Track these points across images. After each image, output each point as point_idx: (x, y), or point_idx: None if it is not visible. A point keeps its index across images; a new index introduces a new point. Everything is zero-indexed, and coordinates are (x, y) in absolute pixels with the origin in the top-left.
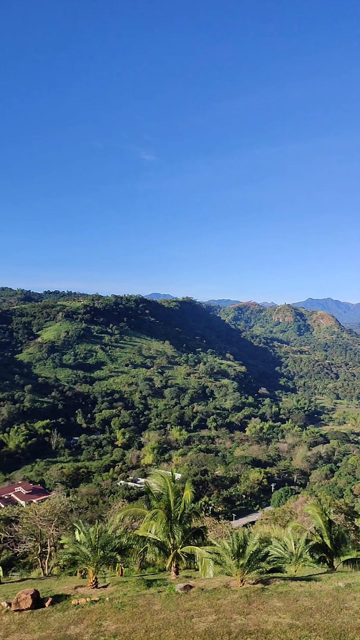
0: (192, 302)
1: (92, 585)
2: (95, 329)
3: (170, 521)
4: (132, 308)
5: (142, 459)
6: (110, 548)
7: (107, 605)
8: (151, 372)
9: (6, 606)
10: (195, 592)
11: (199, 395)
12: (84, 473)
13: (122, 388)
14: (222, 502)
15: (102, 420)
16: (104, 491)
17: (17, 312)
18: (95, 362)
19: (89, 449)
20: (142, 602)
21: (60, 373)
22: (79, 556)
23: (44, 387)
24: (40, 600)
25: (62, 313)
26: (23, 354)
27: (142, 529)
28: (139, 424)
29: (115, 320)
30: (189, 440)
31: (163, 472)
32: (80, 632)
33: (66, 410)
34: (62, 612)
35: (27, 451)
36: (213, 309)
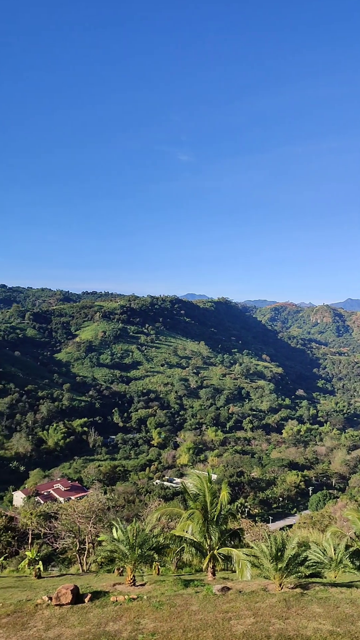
0: (227, 302)
1: (130, 583)
2: (132, 329)
3: (206, 522)
4: (168, 308)
5: (177, 459)
6: (148, 547)
7: (145, 603)
8: (186, 372)
9: (47, 600)
10: (233, 594)
11: (234, 396)
12: (121, 471)
13: (157, 388)
14: (259, 505)
15: (138, 419)
16: (140, 490)
17: (57, 312)
18: (132, 362)
19: (125, 448)
20: (180, 601)
21: (98, 372)
22: (117, 554)
23: (81, 386)
24: (80, 595)
25: (100, 313)
26: (62, 353)
27: (179, 529)
28: (175, 424)
29: (151, 321)
30: (225, 442)
31: (199, 473)
32: (119, 629)
33: (103, 409)
34: (101, 608)
35: (66, 449)
36: (249, 309)
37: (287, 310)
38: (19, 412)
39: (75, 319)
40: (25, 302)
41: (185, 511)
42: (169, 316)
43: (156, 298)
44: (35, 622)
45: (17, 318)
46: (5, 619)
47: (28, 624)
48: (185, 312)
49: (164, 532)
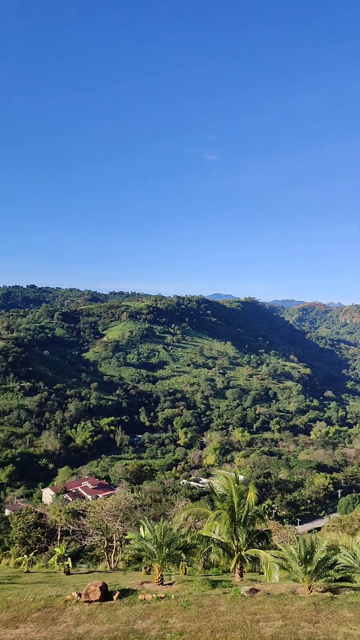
0: (254, 302)
1: (158, 582)
2: (158, 329)
3: (234, 523)
4: (194, 308)
5: (204, 459)
6: (175, 546)
7: (173, 602)
8: (213, 372)
9: (76, 596)
10: (261, 596)
11: (261, 397)
12: (147, 471)
13: (184, 388)
14: (286, 506)
15: (164, 419)
16: (166, 489)
17: (84, 312)
18: (158, 362)
19: (152, 447)
20: (208, 602)
21: (125, 372)
22: (145, 552)
23: (109, 385)
24: (108, 593)
25: (126, 313)
26: (89, 352)
27: (206, 529)
28: (201, 424)
29: (177, 321)
30: (252, 442)
31: (226, 473)
32: (147, 628)
33: (130, 408)
34: (130, 606)
35: (93, 447)
36: (276, 309)
37: (316, 310)
38: (48, 411)
39: (103, 318)
40: (54, 302)
41: (212, 511)
42: (195, 316)
43: (182, 298)
44: (64, 618)
45: (47, 318)
46: (35, 613)
47: (58, 619)
48: (211, 312)
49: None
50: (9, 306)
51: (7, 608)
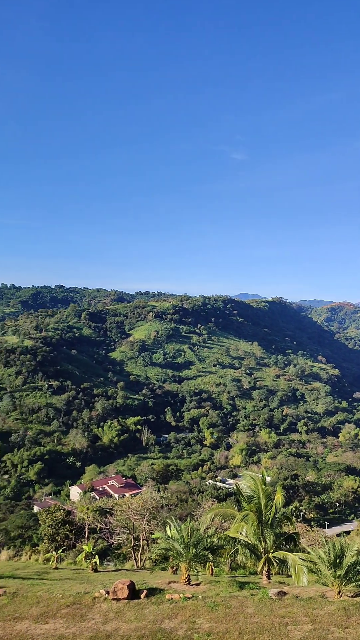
0: (281, 302)
1: (185, 582)
2: (184, 329)
3: (261, 524)
4: (220, 308)
5: (230, 459)
6: (203, 547)
7: (200, 603)
8: (239, 373)
9: (104, 594)
10: (289, 599)
11: (288, 398)
12: (173, 470)
13: (210, 388)
14: (314, 509)
15: (190, 419)
16: (192, 489)
17: (111, 312)
18: (184, 362)
19: (178, 447)
20: (235, 603)
21: (151, 371)
22: (172, 552)
23: (135, 384)
24: (136, 591)
25: (152, 313)
26: (116, 352)
27: (233, 530)
28: (227, 425)
29: (203, 321)
30: (279, 444)
31: (253, 474)
32: (175, 627)
33: (156, 408)
34: (157, 605)
35: (120, 446)
36: (304, 309)
37: (345, 311)
38: (76, 409)
39: (129, 318)
40: (81, 302)
41: (239, 513)
42: (221, 316)
43: (208, 298)
44: (93, 615)
45: (74, 317)
46: (64, 609)
47: (86, 616)
48: (238, 312)
49: (218, 532)
50: (38, 306)
51: (37, 603)
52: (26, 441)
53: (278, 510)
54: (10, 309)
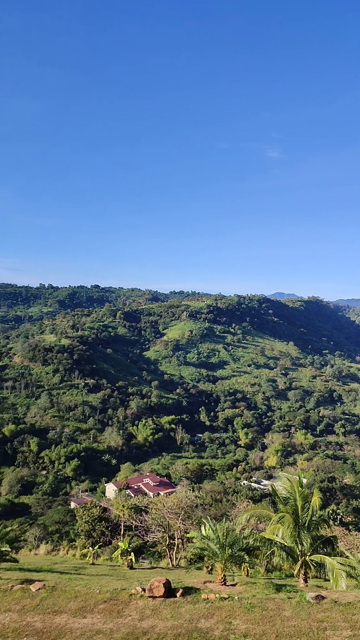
0: (318, 301)
1: (221, 582)
2: (218, 329)
3: (297, 527)
4: (255, 308)
5: (265, 460)
6: (238, 547)
7: (236, 604)
8: (274, 373)
9: (140, 591)
10: (328, 603)
11: (325, 399)
12: (208, 470)
13: (244, 388)
14: (352, 513)
15: (225, 419)
16: (227, 490)
17: (145, 311)
18: (218, 361)
19: (212, 447)
20: (272, 605)
21: (185, 371)
22: (207, 552)
23: (169, 384)
24: (172, 590)
25: (187, 313)
26: (150, 351)
27: (269, 532)
28: (262, 425)
29: (238, 320)
30: (315, 445)
31: (289, 476)
32: (211, 627)
33: (190, 407)
34: (193, 604)
35: (154, 444)
36: (342, 309)
37: None
38: (111, 407)
39: (163, 318)
40: (116, 301)
41: (275, 514)
42: (256, 316)
43: (243, 297)
44: (129, 611)
45: (109, 317)
46: (102, 605)
47: (123, 612)
48: (273, 312)
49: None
50: (75, 305)
51: (75, 598)
52: (63, 438)
53: (315, 512)
54: (48, 308)
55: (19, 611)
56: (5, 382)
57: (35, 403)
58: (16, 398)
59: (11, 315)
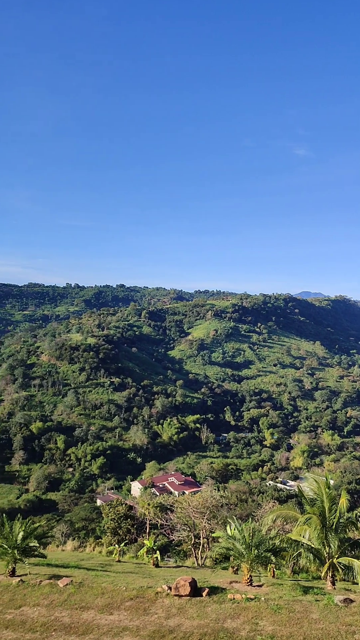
0: (346, 300)
1: (247, 582)
2: (243, 328)
3: (324, 528)
4: (281, 307)
5: (291, 461)
6: (265, 548)
7: (262, 605)
8: (300, 373)
9: (167, 589)
10: (356, 607)
11: (352, 399)
12: (233, 470)
13: (270, 388)
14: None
15: (250, 419)
16: (252, 490)
17: (170, 311)
18: (243, 361)
19: (237, 447)
20: (299, 607)
21: (210, 370)
22: (233, 552)
23: (194, 383)
24: (198, 589)
25: (211, 312)
26: (175, 350)
27: (295, 533)
28: (288, 426)
29: (264, 320)
30: (342, 446)
31: (316, 477)
32: (237, 627)
33: (215, 407)
34: (219, 604)
35: (179, 443)
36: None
37: None
38: (136, 406)
39: (188, 317)
40: (141, 301)
41: (302, 515)
42: (282, 315)
43: (269, 296)
44: (156, 609)
45: (134, 316)
46: (128, 602)
47: (149, 610)
48: (299, 311)
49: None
50: (100, 305)
51: (102, 594)
52: (89, 436)
53: (342, 514)
54: (74, 307)
55: (47, 606)
56: (33, 380)
57: (62, 401)
58: (43, 396)
59: (39, 315)
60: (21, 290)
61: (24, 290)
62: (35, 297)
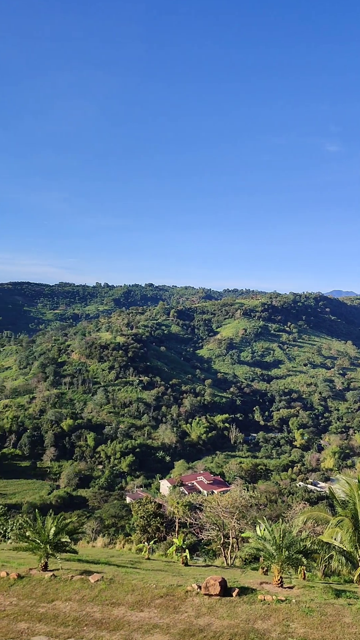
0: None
1: (278, 584)
2: (273, 327)
3: (357, 531)
4: (312, 306)
5: (322, 462)
6: (295, 550)
7: (294, 607)
8: (331, 373)
9: (196, 588)
10: None
11: None
12: (262, 470)
13: (300, 388)
14: None
15: (279, 419)
16: (282, 491)
17: (199, 310)
18: (273, 361)
19: (266, 447)
20: (331, 611)
21: (238, 370)
22: (264, 552)
23: (222, 382)
24: (228, 589)
25: (240, 311)
26: (203, 349)
27: (327, 535)
28: (319, 426)
29: (294, 319)
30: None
31: (349, 479)
32: (268, 629)
33: (244, 407)
34: (249, 605)
35: (208, 443)
36: None
37: None
38: (165, 405)
39: (217, 316)
40: (170, 299)
41: (333, 518)
42: (312, 314)
43: (299, 295)
44: (185, 608)
45: (163, 315)
46: (158, 600)
47: (179, 608)
48: (330, 310)
49: (310, 536)
50: (129, 304)
51: (132, 591)
52: (118, 434)
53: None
54: (104, 306)
55: (78, 601)
56: (64, 378)
57: (91, 399)
58: (74, 394)
59: (69, 314)
60: (52, 290)
61: (55, 290)
62: (66, 297)
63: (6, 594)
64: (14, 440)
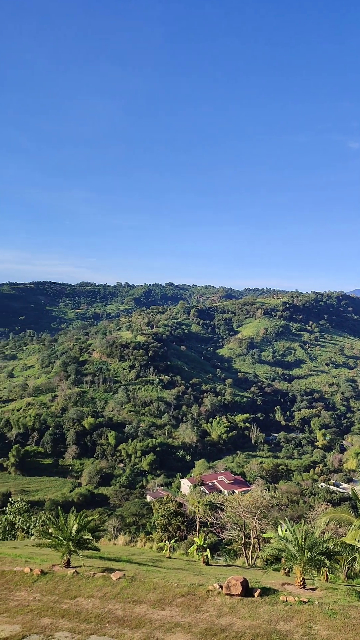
0: None
1: (300, 585)
2: (294, 327)
3: None
4: (334, 305)
5: (344, 463)
6: (318, 551)
7: (316, 608)
8: (354, 372)
9: (218, 588)
10: None
11: None
12: (283, 470)
13: (322, 388)
14: None
15: (301, 419)
16: (304, 491)
17: (219, 309)
18: (294, 360)
19: (288, 447)
20: (355, 613)
21: (259, 369)
22: (286, 553)
23: (243, 382)
24: (249, 589)
25: (261, 310)
26: (224, 349)
27: (350, 537)
28: (341, 427)
29: (315, 318)
30: None
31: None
32: (290, 630)
33: (265, 406)
34: (271, 605)
35: (228, 442)
36: None
37: None
38: (185, 404)
39: (237, 315)
40: (190, 299)
41: (357, 519)
42: (334, 313)
43: (321, 294)
44: (207, 607)
45: (183, 314)
46: (180, 598)
47: (201, 607)
48: (353, 309)
49: (333, 538)
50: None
51: (154, 589)
52: (139, 432)
53: None
54: (124, 306)
55: (100, 598)
56: (85, 376)
57: (112, 397)
58: (95, 392)
59: (90, 313)
60: (74, 289)
61: (76, 289)
62: (87, 296)
63: (30, 590)
64: (36, 438)
